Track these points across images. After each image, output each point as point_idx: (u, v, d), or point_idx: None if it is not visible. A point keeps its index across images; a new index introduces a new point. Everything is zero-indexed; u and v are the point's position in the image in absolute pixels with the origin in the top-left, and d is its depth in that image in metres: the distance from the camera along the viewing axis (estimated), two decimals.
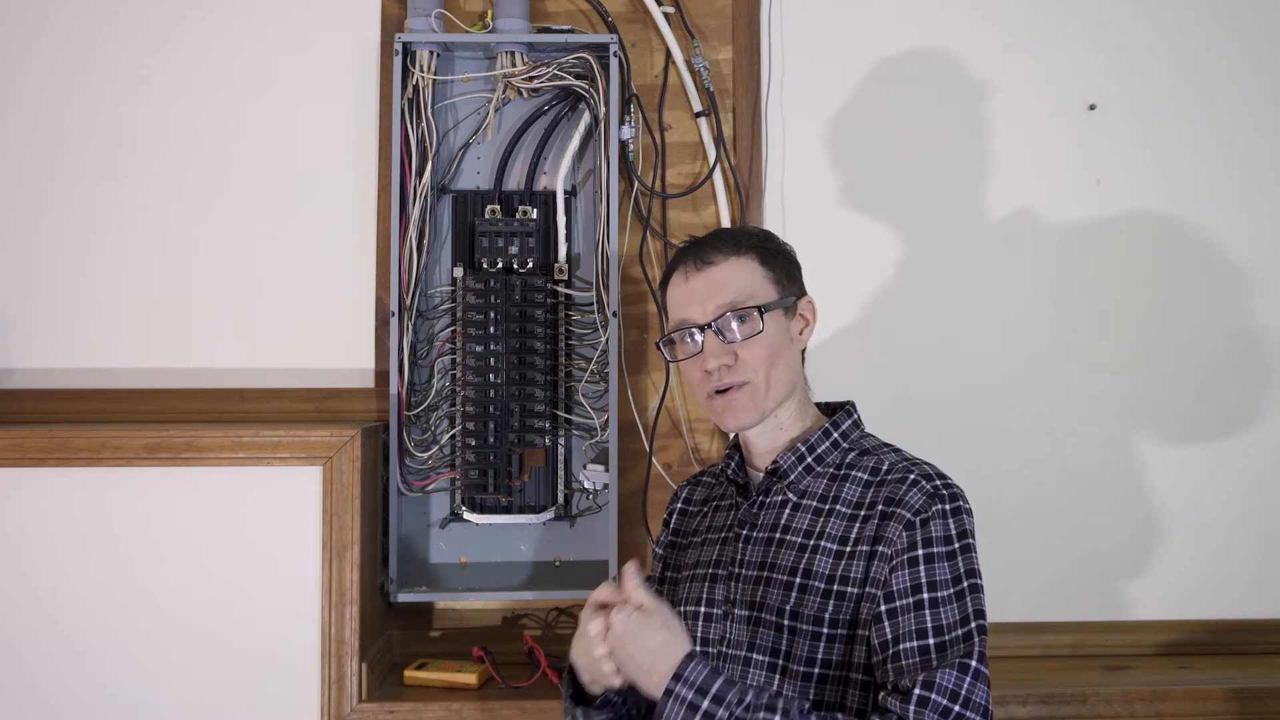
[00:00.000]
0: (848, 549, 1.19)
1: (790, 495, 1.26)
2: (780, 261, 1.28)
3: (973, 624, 1.13)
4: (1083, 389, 1.90)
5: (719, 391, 1.24)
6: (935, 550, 1.15)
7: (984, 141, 1.90)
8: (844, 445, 1.28)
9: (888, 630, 1.13)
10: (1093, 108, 1.91)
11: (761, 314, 1.23)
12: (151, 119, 1.87)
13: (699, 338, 1.25)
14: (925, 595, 1.13)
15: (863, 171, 1.89)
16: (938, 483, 1.19)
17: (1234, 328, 1.91)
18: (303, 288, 1.86)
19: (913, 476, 1.19)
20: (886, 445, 1.28)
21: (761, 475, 1.29)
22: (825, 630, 1.17)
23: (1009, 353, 1.90)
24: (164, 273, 1.86)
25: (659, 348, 1.32)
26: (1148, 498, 1.89)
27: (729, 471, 1.34)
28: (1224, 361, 1.90)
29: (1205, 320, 1.91)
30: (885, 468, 1.23)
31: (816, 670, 1.17)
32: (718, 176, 1.87)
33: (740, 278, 1.25)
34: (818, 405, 1.34)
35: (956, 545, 1.16)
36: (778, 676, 1.19)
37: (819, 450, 1.27)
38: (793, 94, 1.89)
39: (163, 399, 1.84)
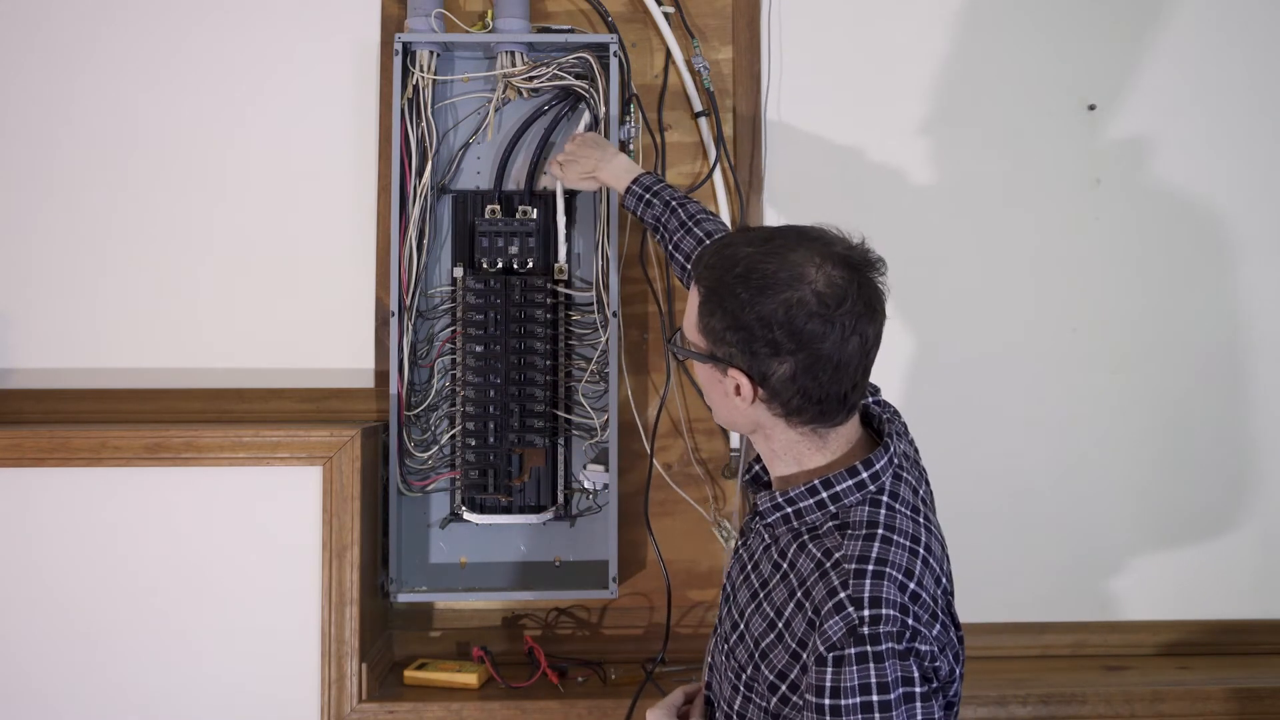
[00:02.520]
0: (779, 625, 1.06)
1: (766, 535, 1.14)
2: (722, 315, 1.05)
3: None
4: (1082, 389, 1.90)
5: None
6: (844, 702, 0.96)
7: (984, 142, 1.90)
8: (830, 509, 1.07)
9: None
10: (1093, 108, 1.91)
11: (673, 343, 1.13)
12: (151, 119, 1.87)
13: None
14: None
15: (862, 171, 1.89)
16: (866, 614, 0.97)
17: (1233, 328, 1.91)
18: (303, 288, 1.86)
19: (841, 596, 0.99)
20: (869, 526, 1.05)
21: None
22: (741, 688, 1.10)
23: (1008, 353, 1.90)
24: (164, 273, 1.86)
25: None
26: (1147, 498, 1.89)
27: (747, 476, 1.24)
28: (1223, 361, 1.90)
29: (1204, 320, 1.91)
30: (835, 559, 1.03)
31: (734, 714, 1.11)
32: (718, 176, 1.87)
33: (688, 309, 1.12)
34: (867, 420, 1.16)
35: (875, 698, 0.96)
36: (719, 698, 1.17)
37: (799, 505, 1.09)
38: (792, 94, 1.89)
39: (163, 399, 1.84)
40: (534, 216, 1.79)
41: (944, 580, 1.08)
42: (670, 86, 1.88)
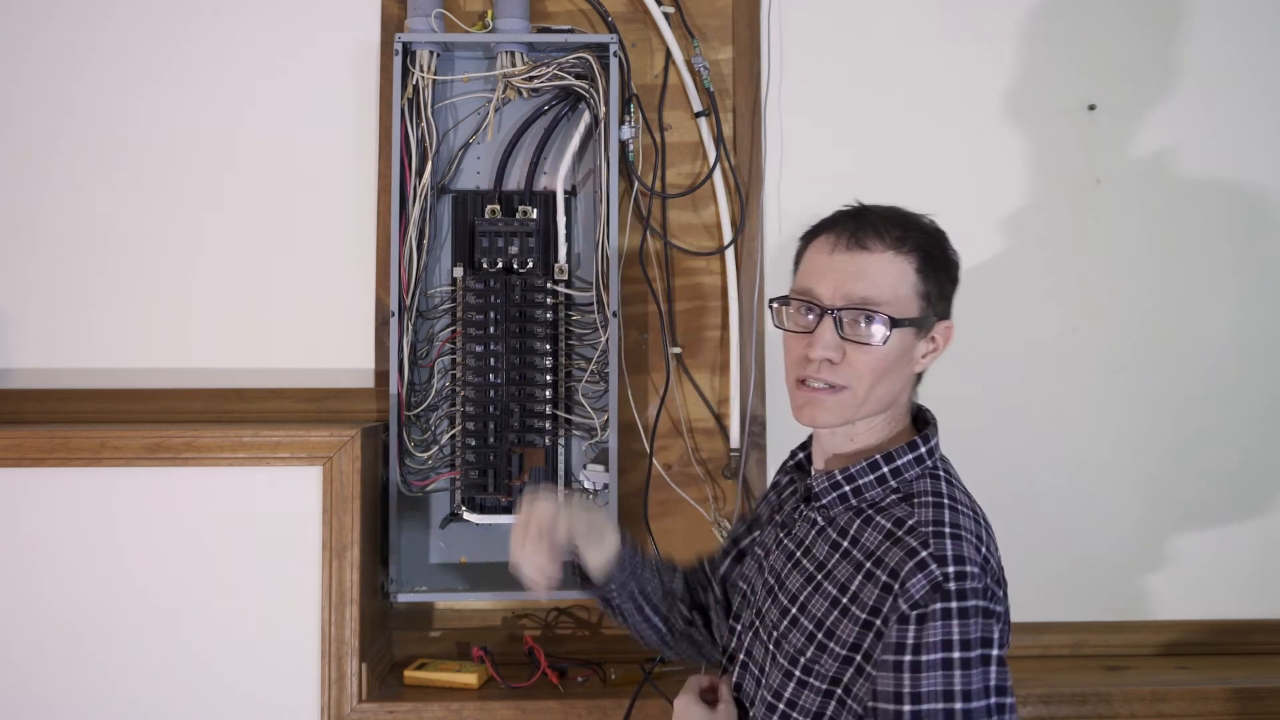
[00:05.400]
0: (844, 600, 1.07)
1: (819, 519, 1.16)
2: (939, 276, 1.14)
3: None
4: (1083, 389, 1.90)
5: (809, 384, 1.12)
6: (925, 658, 0.98)
7: (984, 141, 1.90)
8: (891, 483, 1.12)
9: None
10: (1093, 108, 1.91)
11: (891, 327, 1.09)
12: (151, 119, 1.87)
13: (816, 319, 1.11)
14: (907, 708, 0.98)
15: (862, 171, 1.89)
16: (950, 570, 1.00)
17: (1233, 327, 1.91)
18: (303, 288, 1.86)
19: (923, 555, 1.02)
20: (935, 495, 1.10)
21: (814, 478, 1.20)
22: (797, 673, 1.09)
23: (1009, 353, 1.90)
24: (164, 273, 1.86)
25: (770, 305, 1.19)
26: (1148, 497, 1.89)
27: (790, 463, 1.27)
28: (1224, 361, 1.90)
29: (1205, 320, 1.91)
30: (908, 525, 1.06)
31: (781, 706, 1.10)
32: (718, 176, 1.87)
33: (889, 278, 1.10)
34: (915, 413, 1.21)
35: (956, 655, 0.98)
36: (759, 691, 1.16)
37: (859, 482, 1.13)
38: (792, 93, 1.89)
39: (163, 399, 1.84)
40: (534, 216, 1.79)
41: (998, 552, 1.11)
42: (670, 86, 1.88)
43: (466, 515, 1.78)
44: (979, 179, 1.90)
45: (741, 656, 1.21)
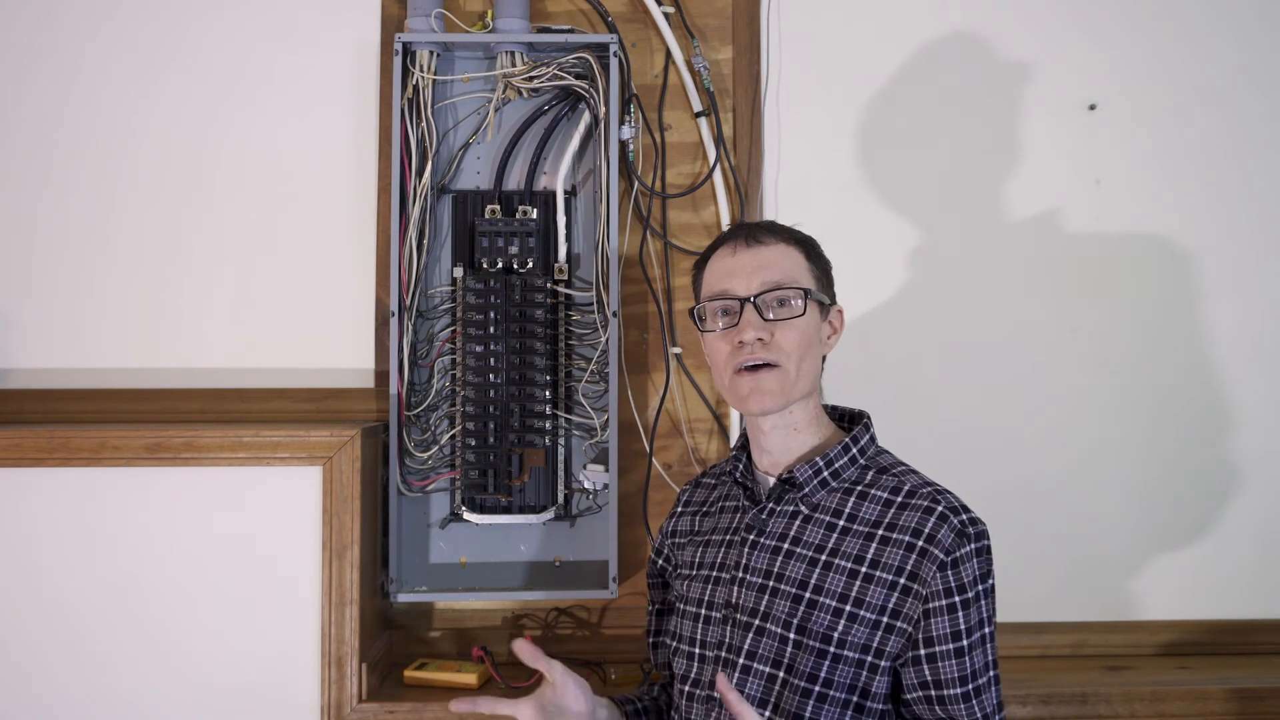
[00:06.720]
0: (864, 569, 1.18)
1: (802, 507, 1.24)
2: (822, 265, 1.29)
3: (993, 671, 1.18)
4: (1083, 389, 1.90)
5: (747, 369, 1.21)
6: (969, 595, 1.15)
7: (984, 142, 1.90)
8: (861, 461, 1.26)
9: (927, 673, 1.15)
10: (1093, 108, 1.91)
11: (805, 299, 1.22)
12: (151, 119, 1.87)
13: (737, 310, 1.23)
14: (965, 642, 1.15)
15: (862, 172, 1.90)
16: (964, 517, 1.17)
17: (1233, 327, 1.91)
18: (303, 288, 1.86)
19: (939, 509, 1.18)
20: (902, 464, 1.26)
21: (772, 481, 1.27)
22: (832, 649, 1.16)
23: (1008, 353, 1.90)
24: (164, 273, 1.86)
25: (691, 316, 1.29)
26: (1148, 498, 1.89)
27: (737, 474, 1.31)
28: (1223, 361, 1.90)
29: (1205, 320, 1.91)
30: (907, 489, 1.21)
31: (817, 688, 1.16)
32: (717, 176, 1.87)
33: (788, 262, 1.24)
34: (828, 410, 1.32)
35: (981, 588, 1.17)
36: (777, 688, 1.18)
37: (836, 465, 1.24)
38: (792, 93, 1.89)
39: (163, 399, 1.84)
40: (534, 216, 1.80)
41: None
42: (670, 86, 1.88)
43: (466, 515, 1.78)
44: (979, 179, 1.90)
45: (742, 661, 1.22)
